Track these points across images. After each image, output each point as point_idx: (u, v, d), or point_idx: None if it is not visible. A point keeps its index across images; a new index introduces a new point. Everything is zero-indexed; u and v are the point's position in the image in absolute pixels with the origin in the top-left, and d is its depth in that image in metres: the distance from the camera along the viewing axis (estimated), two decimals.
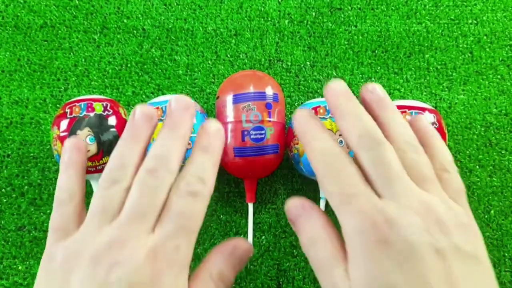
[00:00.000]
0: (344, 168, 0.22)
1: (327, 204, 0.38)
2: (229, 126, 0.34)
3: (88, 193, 0.39)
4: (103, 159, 0.33)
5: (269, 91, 0.35)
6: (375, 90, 0.25)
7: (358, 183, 0.22)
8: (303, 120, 0.25)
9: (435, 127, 0.33)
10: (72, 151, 0.26)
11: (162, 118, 0.33)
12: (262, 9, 0.43)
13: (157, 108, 0.34)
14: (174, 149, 0.23)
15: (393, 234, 0.20)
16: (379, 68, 0.42)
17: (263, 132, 0.34)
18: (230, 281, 0.24)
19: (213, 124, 0.25)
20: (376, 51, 0.42)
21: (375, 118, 0.25)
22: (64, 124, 0.33)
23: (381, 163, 0.22)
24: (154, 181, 0.22)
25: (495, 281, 0.22)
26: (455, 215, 0.22)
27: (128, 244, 0.21)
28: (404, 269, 0.20)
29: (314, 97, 0.41)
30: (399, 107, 0.34)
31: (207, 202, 0.23)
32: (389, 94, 0.42)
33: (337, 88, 0.25)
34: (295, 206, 0.25)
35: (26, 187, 0.40)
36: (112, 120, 0.33)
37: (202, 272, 0.24)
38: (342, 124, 0.24)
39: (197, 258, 0.38)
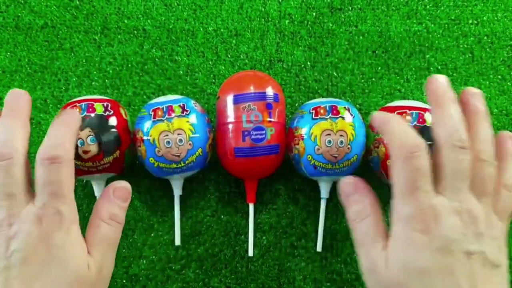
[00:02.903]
0: (416, 165, 0.25)
1: (327, 205, 0.38)
2: (230, 127, 0.34)
3: (90, 194, 0.39)
4: (104, 159, 0.33)
5: (270, 91, 0.35)
6: (475, 95, 0.28)
7: (424, 180, 0.25)
8: (382, 120, 0.28)
9: None
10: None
11: (162, 119, 0.33)
12: (263, 9, 0.43)
13: (158, 108, 0.34)
14: (16, 130, 0.26)
15: (436, 228, 0.24)
16: (379, 68, 0.42)
17: (263, 132, 0.34)
18: (121, 219, 0.28)
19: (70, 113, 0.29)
20: (377, 52, 0.42)
21: (466, 118, 0.27)
22: None
23: (455, 167, 0.25)
24: (6, 163, 0.25)
25: (508, 286, 0.26)
26: (492, 228, 0.26)
27: (13, 220, 0.25)
28: (437, 258, 0.24)
29: (314, 98, 0.41)
30: (399, 107, 0.34)
31: (71, 166, 0.26)
32: (390, 94, 0.42)
33: (441, 81, 0.27)
34: (349, 184, 0.29)
35: None
36: (112, 121, 0.33)
37: (93, 219, 0.27)
38: (437, 117, 0.26)
39: (198, 259, 0.38)
